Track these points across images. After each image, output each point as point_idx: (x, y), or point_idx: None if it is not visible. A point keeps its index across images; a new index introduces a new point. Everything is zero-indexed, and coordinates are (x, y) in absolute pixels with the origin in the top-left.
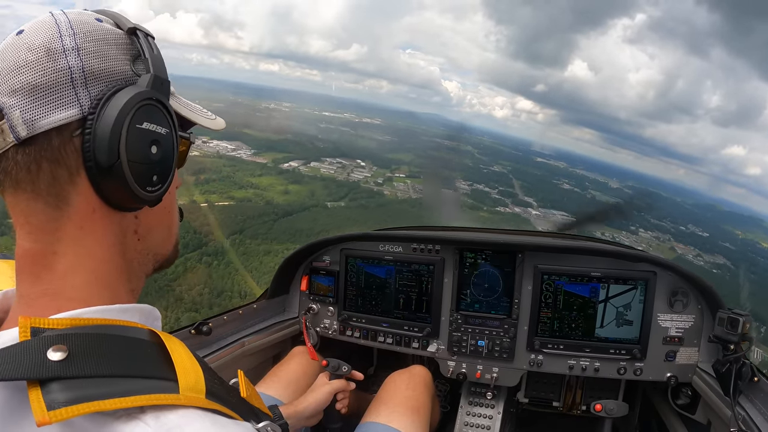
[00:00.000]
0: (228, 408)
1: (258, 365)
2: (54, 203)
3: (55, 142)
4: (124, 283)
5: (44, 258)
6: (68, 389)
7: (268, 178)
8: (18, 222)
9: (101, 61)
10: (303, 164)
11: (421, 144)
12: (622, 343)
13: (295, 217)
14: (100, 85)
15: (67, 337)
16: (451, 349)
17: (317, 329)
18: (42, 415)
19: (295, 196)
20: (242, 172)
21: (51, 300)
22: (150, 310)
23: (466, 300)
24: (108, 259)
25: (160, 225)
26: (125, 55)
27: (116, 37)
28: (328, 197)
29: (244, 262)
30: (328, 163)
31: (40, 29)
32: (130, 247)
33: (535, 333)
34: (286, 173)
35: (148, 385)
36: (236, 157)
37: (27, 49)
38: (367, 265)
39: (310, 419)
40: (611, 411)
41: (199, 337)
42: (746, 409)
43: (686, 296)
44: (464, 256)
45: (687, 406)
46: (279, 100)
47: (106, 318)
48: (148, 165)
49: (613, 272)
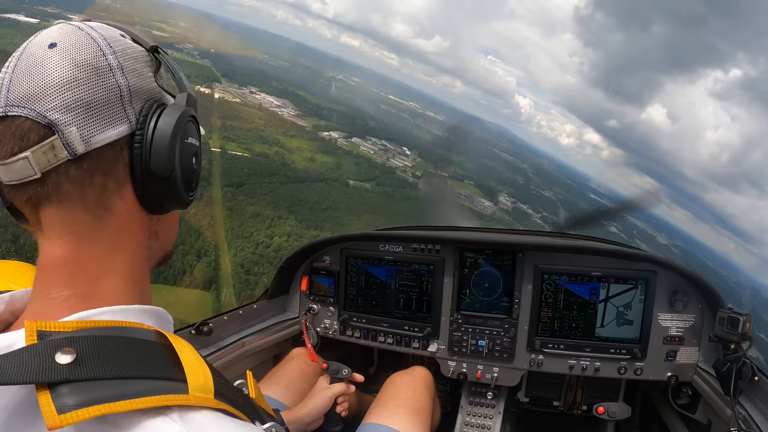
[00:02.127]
0: (235, 408)
1: (258, 365)
2: (99, 213)
3: (108, 156)
4: (146, 281)
5: (82, 261)
6: (78, 392)
7: (299, 140)
8: (56, 232)
9: (139, 79)
10: (344, 137)
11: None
12: (623, 342)
13: (306, 186)
14: (140, 101)
15: (74, 340)
16: (452, 349)
17: (317, 329)
18: (53, 419)
19: (318, 166)
20: (274, 128)
21: (82, 301)
22: (164, 313)
23: (466, 300)
24: (137, 261)
25: (172, 225)
26: (150, 71)
27: (143, 55)
28: (354, 175)
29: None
30: (371, 142)
31: (78, 44)
32: (151, 247)
33: (536, 333)
34: (321, 141)
35: (157, 386)
36: (276, 114)
37: (72, 65)
38: (368, 265)
39: (311, 424)
40: (614, 414)
41: (200, 338)
42: (746, 409)
43: (687, 296)
44: (464, 256)
45: (687, 405)
46: (349, 73)
47: (119, 320)
48: (191, 173)
49: (614, 272)
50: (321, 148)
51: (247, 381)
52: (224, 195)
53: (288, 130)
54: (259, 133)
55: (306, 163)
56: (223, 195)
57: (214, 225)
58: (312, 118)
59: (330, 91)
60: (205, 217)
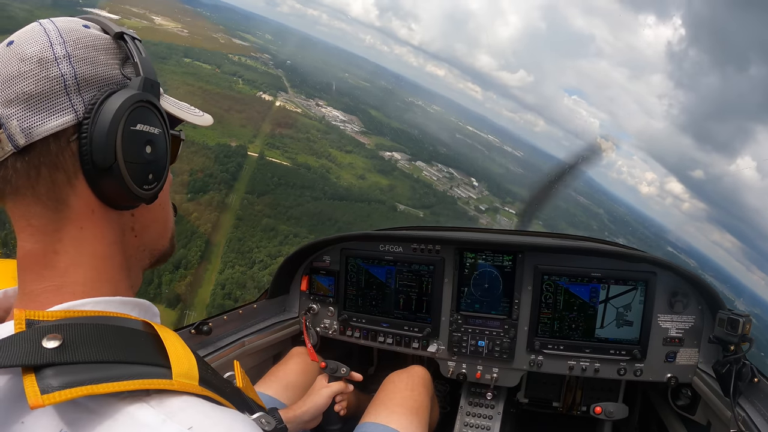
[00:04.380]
0: (221, 396)
1: (258, 365)
2: (53, 206)
3: (53, 148)
4: (124, 278)
5: (45, 257)
6: (62, 374)
7: (354, 156)
8: (19, 226)
9: (92, 67)
10: (407, 159)
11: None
12: (622, 343)
13: (343, 204)
14: (92, 90)
15: (61, 327)
16: (451, 349)
17: (317, 329)
18: (36, 398)
19: (368, 185)
20: (329, 141)
21: (54, 294)
22: (149, 305)
23: (466, 300)
24: (108, 255)
25: (155, 221)
26: (114, 59)
27: (104, 43)
28: (407, 200)
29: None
30: (436, 168)
31: (30, 39)
32: (128, 243)
33: (535, 333)
34: (380, 160)
35: (140, 370)
36: (338, 128)
37: (19, 59)
38: (368, 265)
39: (309, 423)
40: (611, 414)
41: (200, 337)
42: (746, 410)
43: (686, 297)
44: (464, 256)
45: (687, 406)
46: (429, 100)
47: (103, 310)
48: (144, 164)
49: (614, 273)
50: (377, 167)
51: (234, 373)
52: (241, 202)
53: (345, 145)
54: (310, 144)
55: (353, 181)
56: (241, 202)
57: (213, 233)
58: (377, 136)
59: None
60: (205, 223)
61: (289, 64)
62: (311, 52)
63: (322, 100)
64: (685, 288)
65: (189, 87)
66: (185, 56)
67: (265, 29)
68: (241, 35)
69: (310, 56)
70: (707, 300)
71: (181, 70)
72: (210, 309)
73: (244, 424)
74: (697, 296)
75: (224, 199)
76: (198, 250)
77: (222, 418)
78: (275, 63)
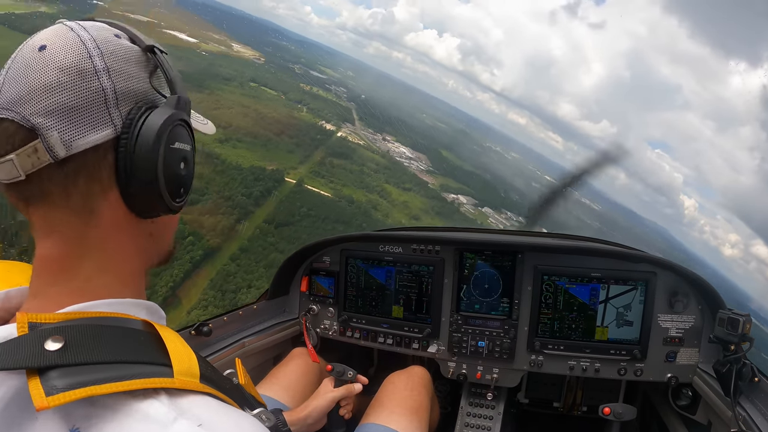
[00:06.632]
0: (222, 393)
1: (258, 366)
2: (85, 216)
3: (91, 161)
4: (142, 281)
5: (69, 261)
6: (66, 376)
7: (412, 195)
8: (43, 232)
9: (128, 81)
10: (473, 204)
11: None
12: (623, 343)
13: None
14: (128, 104)
15: (63, 329)
16: (452, 350)
17: (317, 330)
18: (41, 400)
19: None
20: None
21: (68, 297)
22: (156, 308)
23: (466, 301)
24: (129, 260)
25: (169, 227)
26: (144, 72)
27: (136, 55)
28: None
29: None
30: (504, 216)
31: (65, 46)
32: (147, 247)
33: (536, 334)
34: (441, 202)
35: (142, 370)
36: (401, 164)
37: (57, 68)
38: (368, 266)
39: (312, 425)
40: (619, 415)
41: (199, 338)
42: (747, 410)
43: (686, 297)
44: (464, 257)
45: (687, 406)
46: (508, 147)
47: (108, 311)
48: (179, 179)
49: (614, 273)
50: (436, 208)
51: (236, 370)
52: (253, 230)
53: (405, 182)
54: (362, 177)
55: (404, 221)
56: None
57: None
58: (444, 177)
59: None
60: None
61: (364, 98)
62: (389, 90)
63: (390, 135)
64: (685, 288)
65: (243, 108)
66: (252, 80)
67: (347, 66)
68: (320, 68)
69: (387, 94)
70: (707, 300)
71: (241, 92)
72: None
73: (250, 422)
74: (697, 296)
75: (234, 225)
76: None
77: (229, 415)
78: (348, 96)
